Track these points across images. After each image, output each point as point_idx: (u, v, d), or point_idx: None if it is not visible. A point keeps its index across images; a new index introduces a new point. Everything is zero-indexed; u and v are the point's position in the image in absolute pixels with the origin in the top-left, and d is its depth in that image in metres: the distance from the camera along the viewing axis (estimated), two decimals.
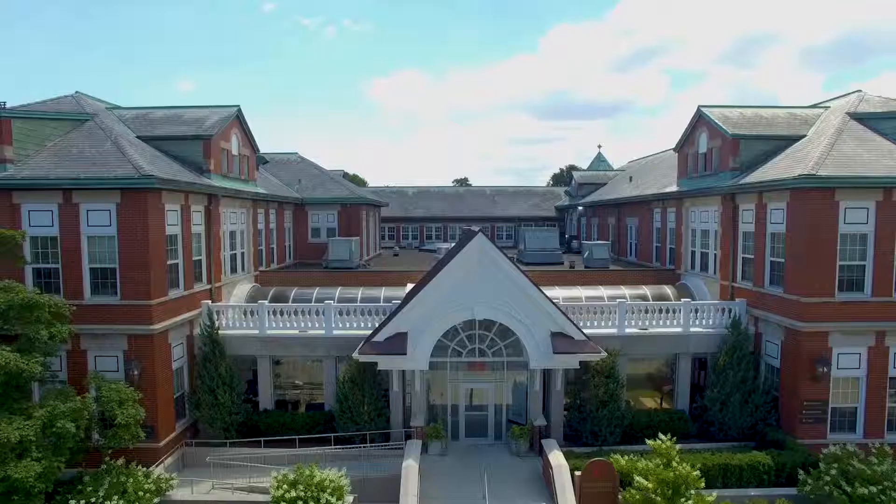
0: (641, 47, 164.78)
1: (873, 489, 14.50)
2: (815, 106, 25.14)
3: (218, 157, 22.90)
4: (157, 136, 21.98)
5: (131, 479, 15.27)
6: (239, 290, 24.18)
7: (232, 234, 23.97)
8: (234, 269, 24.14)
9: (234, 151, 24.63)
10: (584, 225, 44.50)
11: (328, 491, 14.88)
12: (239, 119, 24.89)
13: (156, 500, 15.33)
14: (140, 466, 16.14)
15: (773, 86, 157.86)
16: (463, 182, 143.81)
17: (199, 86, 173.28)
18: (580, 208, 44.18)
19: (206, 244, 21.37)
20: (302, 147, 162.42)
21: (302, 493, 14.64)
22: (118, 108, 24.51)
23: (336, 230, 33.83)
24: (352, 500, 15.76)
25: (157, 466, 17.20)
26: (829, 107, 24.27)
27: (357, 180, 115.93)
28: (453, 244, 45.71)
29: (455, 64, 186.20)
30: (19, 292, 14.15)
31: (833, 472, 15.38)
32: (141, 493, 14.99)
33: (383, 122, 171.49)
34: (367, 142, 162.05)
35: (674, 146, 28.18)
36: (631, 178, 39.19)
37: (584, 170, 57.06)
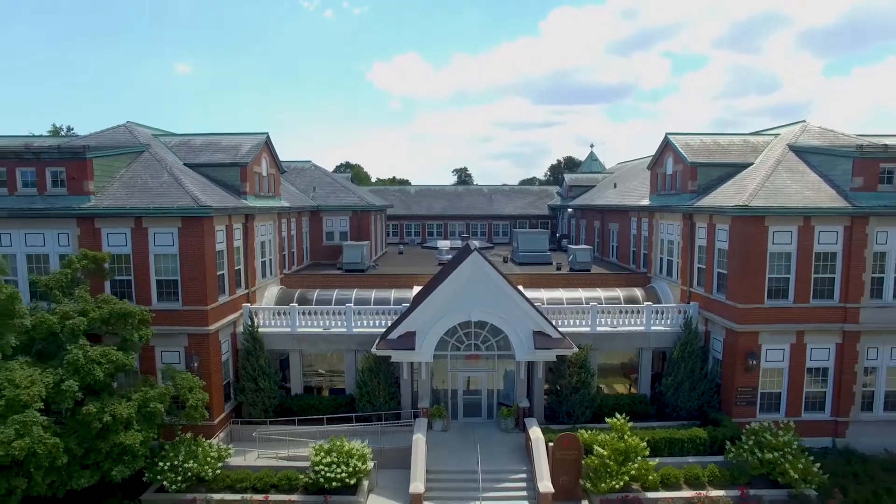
0: (643, 30, 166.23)
1: (776, 454, 18.73)
2: (767, 131, 28.97)
3: (252, 180, 26.75)
4: (200, 164, 25.85)
5: (200, 449, 19.47)
6: (269, 293, 28.20)
7: (262, 244, 27.89)
8: (264, 275, 28.11)
9: (264, 173, 28.47)
10: (573, 225, 48.37)
11: (355, 457, 19.07)
12: (267, 144, 28.69)
13: (219, 464, 19.56)
14: (202, 439, 20.31)
15: (774, 70, 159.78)
16: (462, 172, 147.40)
17: (197, 69, 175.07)
18: (570, 210, 48.04)
19: (244, 255, 25.32)
20: (302, 131, 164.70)
21: (335, 459, 18.84)
22: (162, 133, 28.35)
23: (348, 234, 37.75)
24: (372, 466, 19.95)
25: (214, 439, 21.37)
26: (778, 134, 28.13)
27: (360, 173, 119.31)
28: (452, 241, 49.86)
29: (456, 48, 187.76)
30: (115, 304, 18.14)
31: (750, 442, 19.58)
32: (208, 459, 19.20)
33: (384, 105, 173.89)
34: (367, 127, 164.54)
35: (647, 164, 31.98)
36: (615, 185, 42.97)
37: (579, 164, 60.80)
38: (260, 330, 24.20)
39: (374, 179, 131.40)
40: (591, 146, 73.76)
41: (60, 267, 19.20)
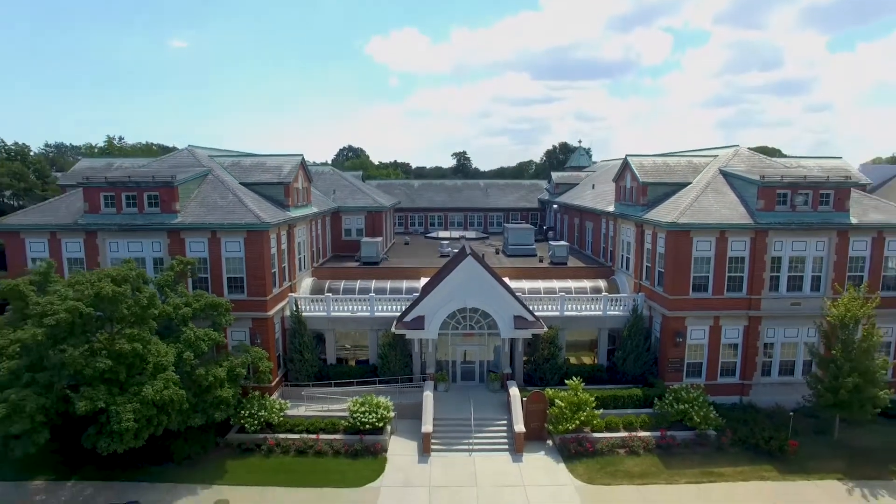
0: (643, 5, 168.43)
1: (687, 406, 25.88)
2: (710, 151, 35.50)
3: (292, 195, 33.35)
4: (251, 183, 32.44)
5: (267, 402, 26.55)
6: (304, 284, 35.03)
7: (299, 244, 34.59)
8: (300, 269, 34.88)
9: (300, 187, 35.04)
10: (558, 220, 54.99)
11: (381, 408, 26.19)
12: (302, 164, 35.22)
13: (282, 413, 26.65)
14: (267, 395, 27.37)
15: (776, 46, 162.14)
16: (462, 157, 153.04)
17: (193, 44, 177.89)
18: (555, 206, 54.62)
19: (287, 255, 32.06)
20: (302, 110, 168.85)
21: (367, 409, 25.96)
22: (216, 154, 34.83)
23: (363, 230, 44.43)
24: (394, 415, 27.05)
25: (273, 396, 28.43)
26: (717, 156, 34.73)
27: (365, 163, 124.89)
28: (452, 231, 56.57)
29: (455, 22, 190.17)
30: (208, 297, 24.91)
31: (671, 398, 26.70)
32: (274, 410, 26.30)
33: (382, 81, 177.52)
34: (366, 104, 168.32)
35: (613, 177, 38.53)
36: (593, 186, 49.49)
37: (573, 151, 66.84)
38: (302, 314, 31.11)
39: (376, 163, 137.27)
40: (580, 141, 79.73)
41: (163, 270, 25.90)
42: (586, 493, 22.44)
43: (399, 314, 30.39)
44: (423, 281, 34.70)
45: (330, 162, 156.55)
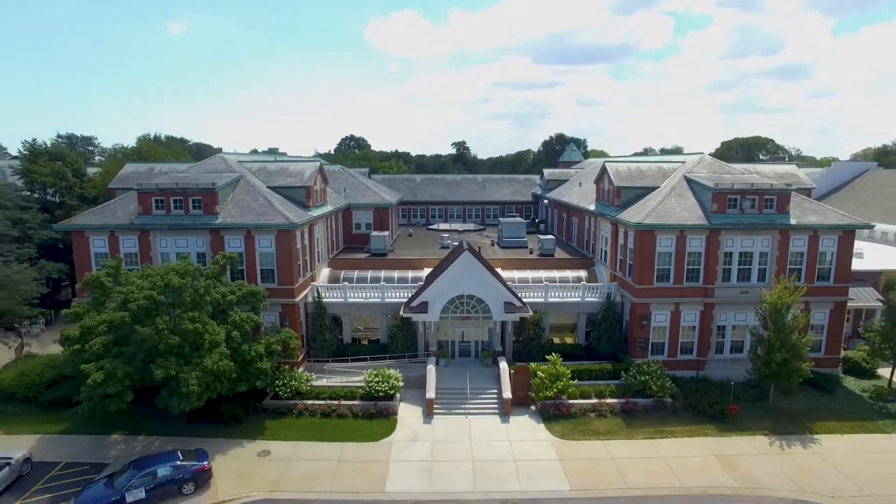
0: None
1: (647, 377, 31.05)
2: (679, 158, 40.22)
3: (313, 196, 38.22)
4: (277, 186, 37.28)
5: (296, 374, 31.73)
6: (322, 273, 40.05)
7: (318, 238, 39.52)
8: (319, 260, 39.86)
9: (318, 188, 39.89)
10: (549, 213, 59.87)
11: (392, 379, 31.38)
12: (320, 168, 40.07)
13: (308, 383, 31.84)
14: (295, 369, 32.51)
15: (780, 29, 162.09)
16: (461, 146, 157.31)
17: (190, 28, 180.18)
18: (546, 201, 59.46)
19: (309, 249, 37.00)
20: (303, 96, 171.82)
21: (380, 379, 31.15)
22: (243, 160, 39.63)
23: (372, 225, 49.34)
24: (402, 385, 32.22)
25: (299, 369, 33.58)
26: (685, 161, 39.53)
27: (369, 154, 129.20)
28: (452, 223, 61.35)
29: (454, 3, 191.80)
30: (248, 286, 29.90)
31: (634, 371, 31.84)
32: (302, 380, 31.50)
33: (382, 66, 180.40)
34: (366, 89, 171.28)
35: (594, 178, 43.34)
36: (580, 183, 54.24)
37: (569, 142, 71.45)
38: (323, 300, 36.17)
39: (377, 150, 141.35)
40: (572, 139, 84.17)
41: (210, 264, 30.86)
42: (560, 445, 27.69)
43: (405, 300, 35.44)
44: (426, 271, 39.71)
45: (333, 151, 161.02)
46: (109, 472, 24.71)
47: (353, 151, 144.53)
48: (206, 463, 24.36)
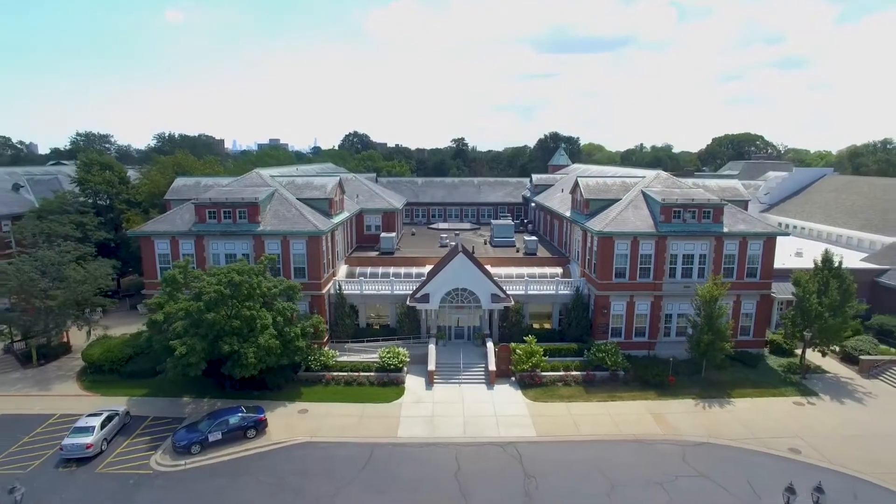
0: None
1: (603, 354, 38.99)
2: (641, 172, 47.85)
3: (334, 206, 45.95)
4: (305, 198, 44.99)
5: (323, 351, 39.67)
6: (341, 270, 47.89)
7: (337, 240, 47.25)
8: (338, 258, 47.63)
9: (338, 199, 47.60)
10: (536, 215, 67.53)
11: (401, 355, 39.34)
12: (340, 183, 47.73)
13: (333, 359, 39.77)
14: (323, 347, 40.41)
15: (783, 19, 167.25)
16: (460, 142, 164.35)
17: (189, 17, 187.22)
18: (533, 204, 67.09)
19: (331, 249, 44.76)
20: (303, 90, 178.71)
21: (391, 355, 39.12)
22: (275, 175, 47.34)
23: (381, 227, 57.07)
24: (408, 360, 40.14)
25: (325, 348, 41.46)
26: (644, 176, 47.19)
27: (373, 155, 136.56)
28: (451, 223, 69.03)
29: None
30: (287, 282, 37.68)
31: (594, 349, 39.76)
32: (329, 356, 39.44)
33: (382, 57, 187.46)
34: (367, 82, 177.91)
35: (570, 188, 51.01)
36: (563, 190, 61.81)
37: (565, 140, 78.81)
38: (343, 292, 44.02)
39: (379, 142, 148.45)
40: (562, 144, 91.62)
41: (255, 263, 38.61)
42: (532, 406, 35.65)
43: (410, 292, 43.29)
44: (428, 267, 47.50)
45: (337, 147, 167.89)
46: (188, 423, 32.69)
47: (356, 149, 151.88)
48: (263, 415, 32.33)
